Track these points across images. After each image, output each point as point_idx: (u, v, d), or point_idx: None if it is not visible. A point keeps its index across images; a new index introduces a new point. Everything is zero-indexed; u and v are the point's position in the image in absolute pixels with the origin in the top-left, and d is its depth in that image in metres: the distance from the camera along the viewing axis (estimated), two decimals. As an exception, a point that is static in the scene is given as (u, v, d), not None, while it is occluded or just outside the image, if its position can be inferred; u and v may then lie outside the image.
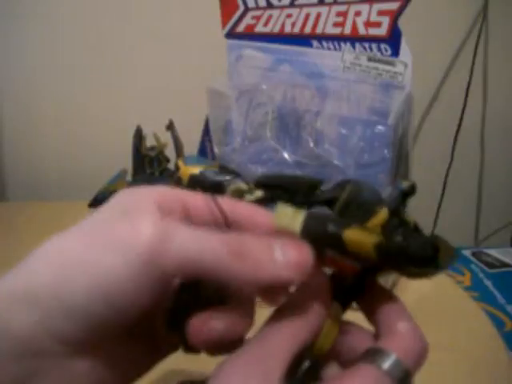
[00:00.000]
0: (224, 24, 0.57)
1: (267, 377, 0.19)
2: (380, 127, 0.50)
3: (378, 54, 0.52)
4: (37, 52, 0.89)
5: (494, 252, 0.91)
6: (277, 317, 0.22)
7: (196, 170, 0.43)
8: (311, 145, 0.53)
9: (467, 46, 0.99)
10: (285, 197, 0.26)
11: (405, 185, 0.23)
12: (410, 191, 0.23)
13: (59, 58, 0.89)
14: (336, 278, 0.23)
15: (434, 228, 1.07)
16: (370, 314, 0.23)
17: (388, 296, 0.23)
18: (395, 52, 0.52)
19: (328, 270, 0.23)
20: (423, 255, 0.21)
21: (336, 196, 0.25)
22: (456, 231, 1.12)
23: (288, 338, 0.21)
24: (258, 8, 0.55)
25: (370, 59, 0.52)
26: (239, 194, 0.25)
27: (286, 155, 0.53)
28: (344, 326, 0.23)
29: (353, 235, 0.21)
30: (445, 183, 1.05)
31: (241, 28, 0.57)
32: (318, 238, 0.21)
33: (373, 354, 0.21)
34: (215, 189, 0.44)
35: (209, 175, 0.43)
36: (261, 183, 0.24)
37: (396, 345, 0.21)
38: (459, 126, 1.02)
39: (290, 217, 0.21)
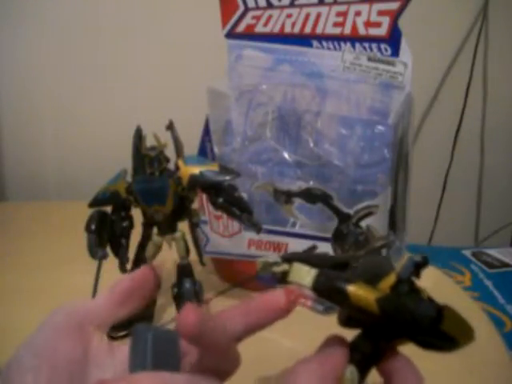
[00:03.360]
0: (224, 24, 0.57)
1: None
2: (380, 127, 0.50)
3: (378, 54, 0.52)
4: (35, 53, 0.89)
5: (494, 252, 0.91)
6: (295, 370, 0.24)
7: (196, 170, 0.43)
8: (311, 145, 0.53)
9: (467, 46, 0.99)
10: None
11: (417, 258, 0.25)
12: (423, 263, 0.25)
13: (58, 59, 0.89)
14: (356, 345, 0.26)
15: (434, 228, 1.07)
16: (386, 379, 0.25)
17: (404, 361, 0.25)
18: (395, 52, 0.52)
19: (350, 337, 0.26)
20: (424, 314, 0.22)
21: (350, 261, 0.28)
22: (456, 231, 1.12)
23: None
24: (257, 8, 0.55)
25: (369, 59, 0.52)
26: (266, 267, 0.29)
27: (286, 155, 0.53)
28: None
29: (356, 290, 0.23)
30: (445, 183, 1.05)
31: (241, 28, 0.57)
32: (326, 291, 0.24)
33: None
34: (215, 189, 0.44)
35: (209, 175, 0.43)
36: (287, 258, 0.28)
37: None
38: (459, 126, 1.02)
39: (304, 273, 0.25)
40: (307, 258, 0.28)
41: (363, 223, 0.49)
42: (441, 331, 0.23)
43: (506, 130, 1.06)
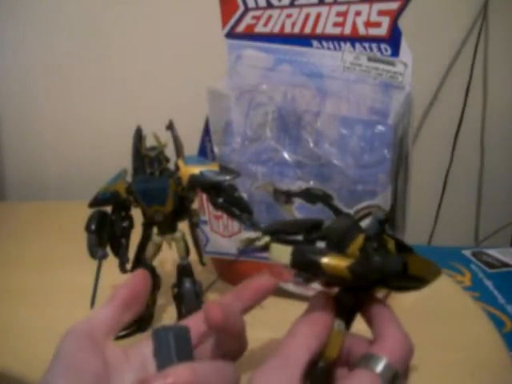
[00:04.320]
0: (224, 24, 0.57)
1: (289, 381, 0.25)
2: (380, 127, 0.50)
3: (378, 54, 0.52)
4: (35, 52, 0.89)
5: (494, 252, 0.91)
6: (292, 331, 0.28)
7: (196, 169, 0.43)
8: (311, 145, 0.53)
9: (467, 46, 0.99)
10: (286, 239, 0.32)
11: (380, 215, 0.29)
12: (385, 219, 0.29)
13: (58, 58, 0.89)
14: (339, 299, 0.29)
15: (434, 228, 1.07)
16: (369, 323, 0.29)
17: (381, 307, 0.29)
18: (395, 52, 0.52)
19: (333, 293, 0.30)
20: (392, 270, 0.26)
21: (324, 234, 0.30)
22: (456, 231, 1.12)
23: (302, 348, 0.27)
24: (257, 8, 0.55)
25: (369, 59, 0.52)
26: (249, 242, 0.32)
27: (285, 155, 0.53)
28: (347, 337, 0.29)
29: (329, 261, 0.26)
30: (445, 183, 1.05)
31: (241, 28, 0.57)
32: (303, 266, 0.27)
33: (368, 359, 0.26)
34: (215, 189, 0.44)
35: (209, 175, 0.43)
36: (267, 231, 0.32)
37: (385, 348, 0.26)
38: (459, 125, 1.02)
39: (282, 252, 0.27)
40: (284, 227, 0.32)
41: (363, 223, 0.49)
42: (409, 276, 0.27)
43: (506, 130, 1.06)
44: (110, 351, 0.29)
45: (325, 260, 0.26)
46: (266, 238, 0.31)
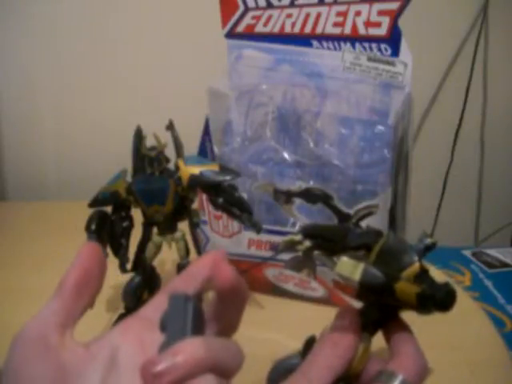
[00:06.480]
0: (224, 24, 0.57)
1: None
2: (380, 127, 0.50)
3: (378, 54, 0.52)
4: (36, 52, 0.89)
5: (494, 252, 0.91)
6: (315, 351, 0.28)
7: (196, 170, 0.43)
8: (311, 145, 0.53)
9: (467, 46, 0.99)
10: (326, 245, 0.32)
11: (428, 241, 0.29)
12: (432, 247, 0.29)
13: (58, 58, 0.89)
14: (364, 313, 0.29)
15: (434, 228, 1.07)
16: (387, 340, 0.29)
17: (402, 326, 0.29)
18: (395, 52, 0.52)
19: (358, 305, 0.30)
20: (450, 303, 0.27)
21: (366, 242, 0.30)
22: (456, 231, 1.12)
23: (325, 369, 0.27)
24: (257, 8, 0.55)
25: (369, 59, 0.52)
26: (290, 245, 0.32)
27: (286, 155, 0.53)
28: None
29: (402, 287, 0.27)
30: (445, 183, 1.05)
31: (241, 28, 0.57)
32: (373, 286, 0.27)
33: (384, 375, 0.26)
34: (215, 189, 0.44)
35: (209, 175, 0.43)
36: (307, 234, 0.32)
37: (401, 365, 0.27)
38: (459, 126, 1.02)
39: (351, 267, 0.27)
40: (322, 232, 0.32)
41: (363, 223, 0.49)
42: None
43: (506, 130, 1.06)
44: (68, 352, 0.25)
45: (398, 286, 0.27)
46: (308, 243, 0.31)
